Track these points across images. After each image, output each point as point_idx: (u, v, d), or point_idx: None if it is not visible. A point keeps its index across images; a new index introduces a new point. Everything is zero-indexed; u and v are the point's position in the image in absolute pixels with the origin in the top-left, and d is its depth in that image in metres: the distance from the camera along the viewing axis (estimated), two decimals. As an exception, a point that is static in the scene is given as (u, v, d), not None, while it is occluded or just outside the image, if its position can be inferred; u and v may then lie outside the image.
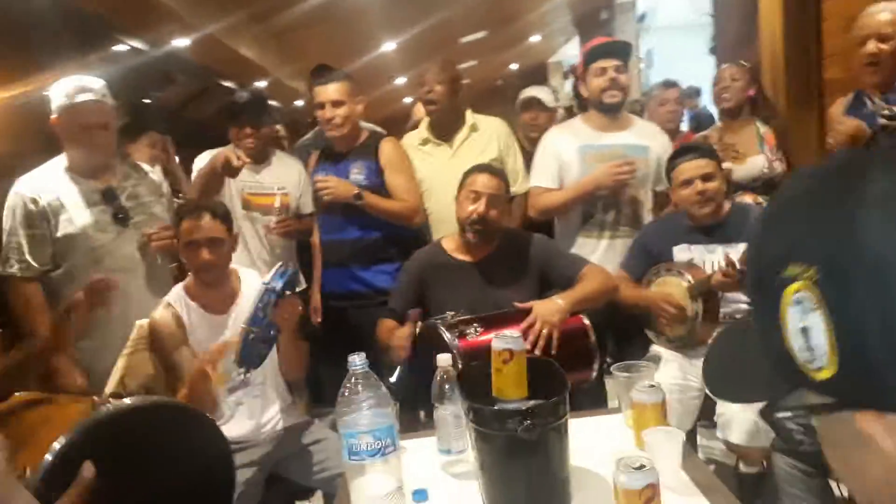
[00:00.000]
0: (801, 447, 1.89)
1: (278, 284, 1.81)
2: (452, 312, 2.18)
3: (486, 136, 3.01)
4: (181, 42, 6.49)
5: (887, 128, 1.95)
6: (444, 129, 3.03)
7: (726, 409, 2.23)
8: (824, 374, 0.42)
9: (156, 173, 2.78)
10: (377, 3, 6.73)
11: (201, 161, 2.95)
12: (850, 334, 0.40)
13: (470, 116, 3.05)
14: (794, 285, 0.43)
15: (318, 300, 3.01)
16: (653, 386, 1.57)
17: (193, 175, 2.96)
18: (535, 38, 11.23)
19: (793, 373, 0.44)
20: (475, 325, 2.10)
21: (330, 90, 2.82)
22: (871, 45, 2.37)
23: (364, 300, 2.84)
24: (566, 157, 2.78)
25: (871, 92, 2.46)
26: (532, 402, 1.39)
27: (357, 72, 2.96)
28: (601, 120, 2.79)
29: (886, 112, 2.35)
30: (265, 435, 2.18)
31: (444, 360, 1.66)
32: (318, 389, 2.91)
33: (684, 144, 2.64)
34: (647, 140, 2.80)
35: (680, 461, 1.38)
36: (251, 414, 2.17)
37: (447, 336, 2.05)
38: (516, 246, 2.41)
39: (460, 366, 1.91)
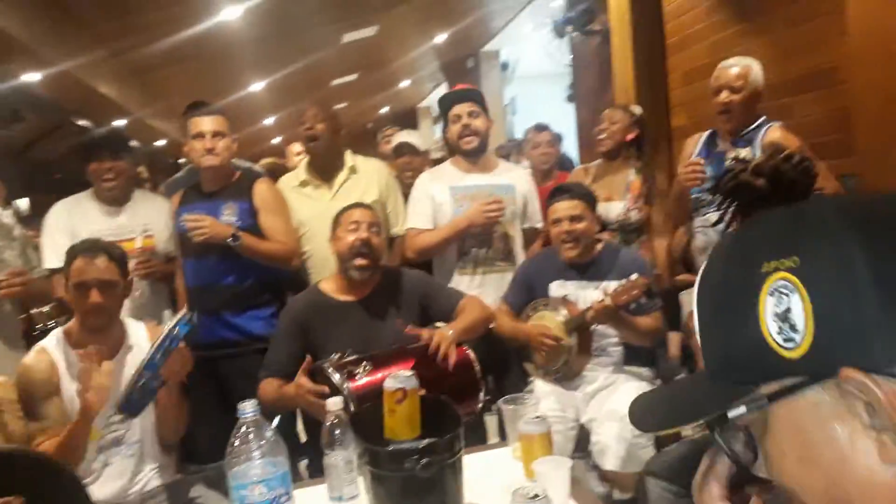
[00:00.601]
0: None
1: (182, 331, 1.71)
2: (339, 354, 2.15)
3: (366, 178, 3.03)
4: (31, 77, 6.06)
5: (732, 170, 2.16)
6: (324, 170, 3.02)
7: (601, 438, 2.33)
8: (799, 352, 0.45)
9: (6, 216, 2.56)
10: (246, 42, 6.64)
11: (55, 216, 2.74)
12: (825, 309, 0.44)
13: (350, 157, 3.06)
14: (775, 275, 0.47)
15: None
16: (539, 417, 1.63)
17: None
18: (405, 83, 11.48)
19: (763, 360, 0.47)
20: (364, 364, 2.07)
21: (208, 121, 2.73)
22: (724, 95, 2.62)
23: (236, 348, 2.70)
24: (439, 199, 2.87)
25: (724, 138, 2.71)
26: (427, 441, 1.40)
27: (224, 111, 2.87)
28: (466, 163, 2.92)
29: (733, 155, 2.61)
30: (133, 496, 2.04)
31: (334, 404, 1.64)
32: (188, 447, 2.73)
33: (559, 185, 2.78)
34: (511, 180, 2.94)
35: (568, 489, 1.44)
36: (121, 474, 2.02)
37: (336, 378, 2.02)
38: (396, 282, 2.43)
39: (352, 409, 1.88)
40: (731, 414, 0.51)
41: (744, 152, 2.62)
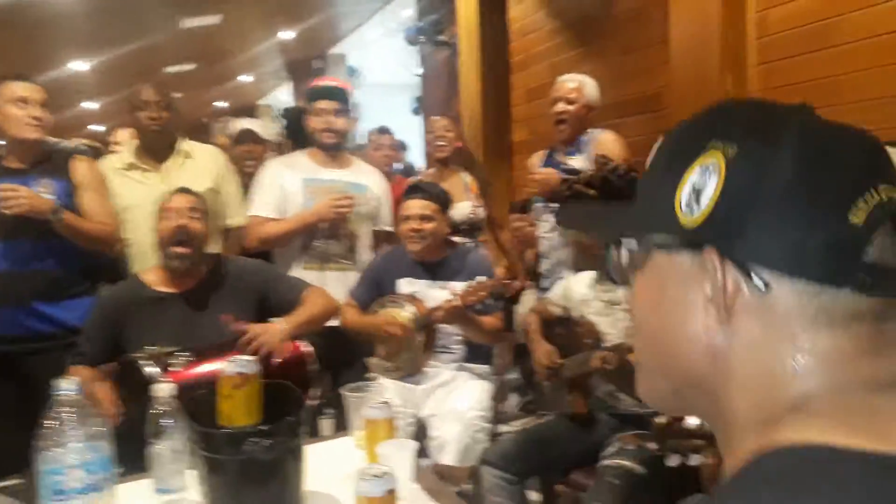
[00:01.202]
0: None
1: None
2: (155, 348, 2.01)
3: (200, 165, 2.86)
4: None
5: (567, 181, 2.31)
6: (155, 153, 2.81)
7: (441, 434, 2.37)
8: (690, 222, 0.51)
9: None
10: (72, 15, 6.07)
11: None
12: (726, 203, 0.50)
13: (183, 143, 2.88)
14: (711, 154, 0.51)
15: None
16: (384, 402, 1.62)
17: None
18: (245, 78, 11.08)
19: (666, 216, 0.53)
20: (182, 357, 1.96)
21: (23, 87, 2.44)
22: (560, 106, 2.88)
23: (49, 341, 2.43)
24: (290, 189, 2.78)
25: (559, 148, 2.92)
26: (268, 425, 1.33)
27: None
28: (323, 156, 2.86)
29: (565, 167, 2.79)
30: None
31: (162, 390, 1.52)
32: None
33: (415, 184, 2.82)
34: (366, 179, 2.92)
35: (412, 471, 1.44)
36: None
37: (148, 370, 1.88)
38: (229, 272, 2.30)
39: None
40: (625, 242, 0.58)
41: (577, 160, 2.83)
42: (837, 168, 0.48)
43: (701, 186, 0.51)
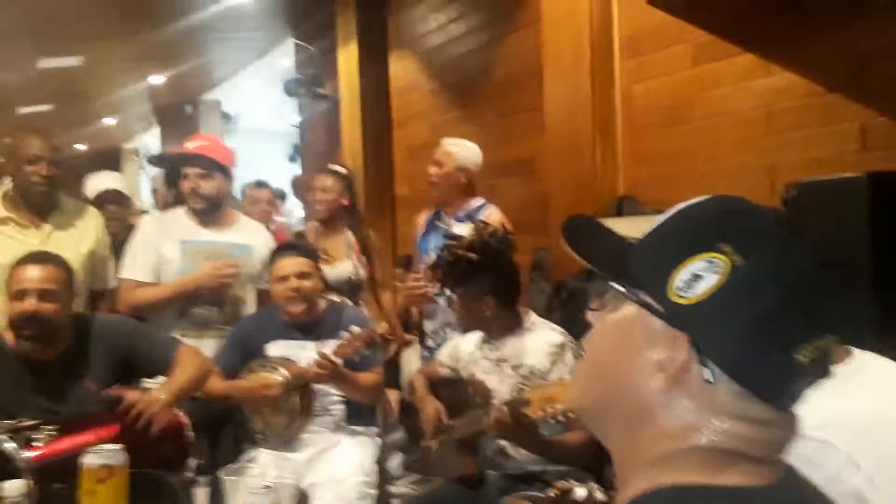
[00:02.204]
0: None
1: None
2: (13, 421, 1.81)
3: (83, 224, 2.66)
4: None
5: (450, 247, 2.34)
6: (36, 209, 2.58)
7: (322, 503, 2.28)
8: (683, 301, 0.59)
9: None
10: None
11: None
12: (717, 301, 0.58)
13: (69, 202, 2.68)
14: (719, 255, 0.59)
15: None
16: (268, 487, 1.53)
17: None
18: (109, 121, 10.52)
19: (657, 282, 0.61)
20: (47, 430, 1.78)
21: None
22: (432, 169, 2.96)
23: None
24: (166, 252, 2.63)
25: (447, 211, 2.96)
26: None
27: None
28: (202, 216, 2.73)
29: (447, 231, 2.84)
30: None
31: (12, 488, 1.36)
32: None
33: (286, 242, 2.74)
34: (250, 239, 2.81)
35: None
36: None
37: (7, 445, 1.68)
38: (94, 334, 2.12)
39: (30, 484, 1.57)
40: (610, 280, 0.66)
41: (463, 229, 2.88)
42: (808, 314, 0.59)
43: (700, 276, 0.59)
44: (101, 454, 1.28)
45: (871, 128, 2.25)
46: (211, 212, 2.73)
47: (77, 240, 2.59)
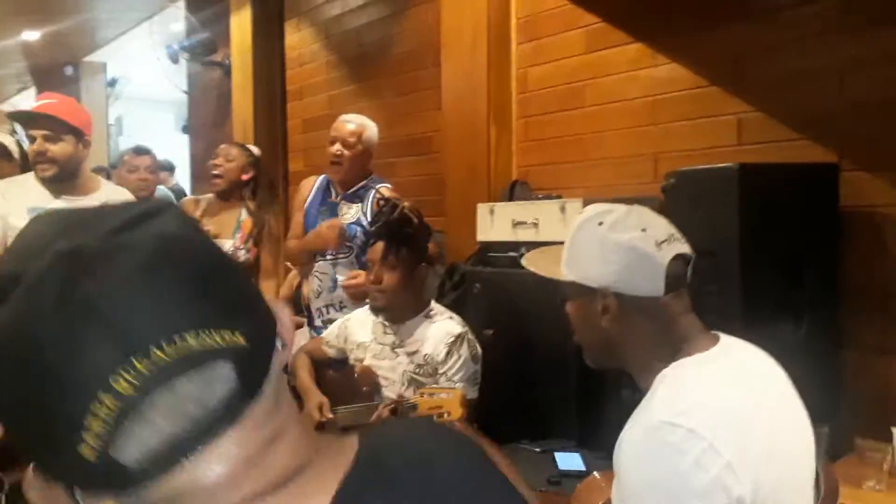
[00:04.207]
0: None
1: None
2: None
3: None
4: None
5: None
6: None
7: None
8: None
9: None
10: None
11: None
12: None
13: None
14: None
15: None
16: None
17: None
18: (-22, 79, 9.64)
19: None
20: None
21: None
22: (337, 147, 2.79)
23: None
24: (13, 221, 2.39)
25: (337, 189, 2.87)
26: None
27: None
28: (55, 183, 2.48)
29: (349, 210, 2.78)
30: None
31: None
32: None
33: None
34: None
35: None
36: None
37: None
38: None
39: None
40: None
41: (354, 209, 2.81)
42: None
43: None
44: None
45: (747, 122, 2.35)
46: (62, 179, 2.50)
47: None
